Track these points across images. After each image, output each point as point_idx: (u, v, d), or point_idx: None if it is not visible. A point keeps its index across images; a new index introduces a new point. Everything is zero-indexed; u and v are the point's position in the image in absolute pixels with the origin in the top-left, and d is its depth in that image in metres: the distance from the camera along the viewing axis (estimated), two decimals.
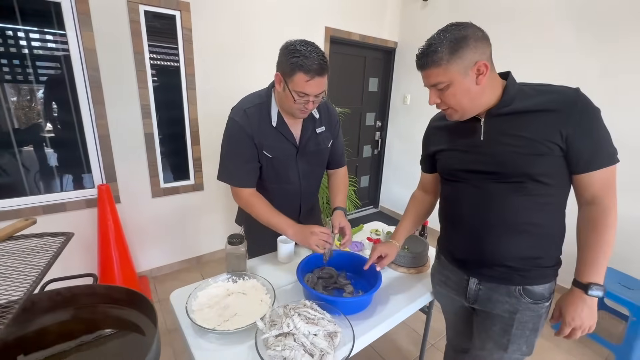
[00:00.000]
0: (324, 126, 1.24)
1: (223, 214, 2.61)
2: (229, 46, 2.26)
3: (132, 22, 1.88)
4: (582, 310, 0.81)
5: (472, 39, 0.75)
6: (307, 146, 1.21)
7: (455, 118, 0.87)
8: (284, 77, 1.03)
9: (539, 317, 0.88)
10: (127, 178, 2.09)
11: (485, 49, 0.77)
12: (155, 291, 2.22)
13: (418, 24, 3.14)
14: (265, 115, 1.13)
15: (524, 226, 0.82)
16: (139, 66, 1.96)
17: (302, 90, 1.00)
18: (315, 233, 1.09)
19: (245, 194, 1.18)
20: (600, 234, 0.78)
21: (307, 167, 1.24)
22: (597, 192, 0.78)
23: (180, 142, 2.29)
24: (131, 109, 2.01)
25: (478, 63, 0.76)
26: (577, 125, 0.74)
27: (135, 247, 2.21)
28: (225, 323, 0.93)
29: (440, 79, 0.79)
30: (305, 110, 1.08)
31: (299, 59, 0.96)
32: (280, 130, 1.15)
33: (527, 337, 0.90)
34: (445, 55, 0.76)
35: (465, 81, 0.78)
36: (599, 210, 0.78)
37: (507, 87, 0.81)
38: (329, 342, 0.83)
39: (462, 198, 0.91)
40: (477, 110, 0.84)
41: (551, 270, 0.87)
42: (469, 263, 0.95)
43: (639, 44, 1.87)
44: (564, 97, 0.75)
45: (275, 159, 1.17)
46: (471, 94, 0.80)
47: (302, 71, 0.97)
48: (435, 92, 0.84)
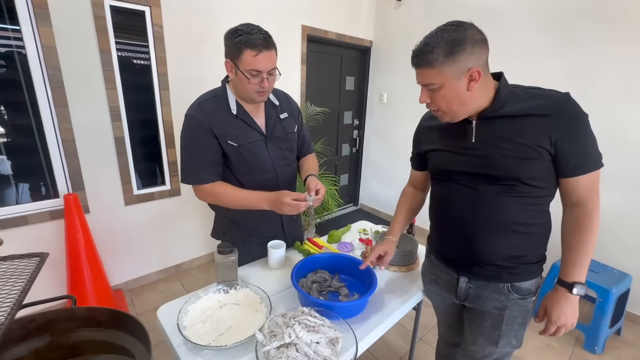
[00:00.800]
0: (285, 112, 1.23)
1: (202, 219, 2.51)
2: (204, 45, 2.16)
3: (96, 18, 1.74)
4: (566, 309, 0.83)
5: (470, 43, 0.73)
6: (274, 131, 1.18)
7: (446, 120, 0.88)
8: (233, 61, 1.02)
9: (527, 311, 0.92)
10: (97, 186, 1.94)
11: (481, 54, 0.76)
12: (132, 305, 2.09)
13: (392, 24, 3.19)
14: (223, 106, 1.10)
15: (513, 226, 0.84)
16: (106, 65, 1.82)
17: (252, 67, 0.99)
18: (285, 204, 1.03)
19: (207, 187, 1.11)
20: (585, 235, 0.81)
21: (278, 153, 1.20)
22: (583, 195, 0.80)
23: (154, 146, 2.17)
24: (98, 111, 1.86)
25: (471, 70, 0.75)
26: (566, 130, 0.75)
27: (107, 259, 2.07)
28: (220, 337, 0.89)
29: (433, 80, 0.79)
30: (262, 91, 1.05)
31: (243, 37, 0.97)
32: (242, 118, 1.11)
33: (516, 332, 0.93)
34: (440, 58, 0.75)
35: (457, 86, 0.78)
36: (584, 213, 0.80)
37: (500, 89, 0.81)
38: (331, 349, 0.82)
39: (453, 198, 0.93)
40: (467, 113, 0.84)
41: (537, 266, 0.90)
42: (459, 262, 0.97)
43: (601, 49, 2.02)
44: (555, 102, 0.76)
45: (243, 148, 1.11)
46: (462, 98, 0.80)
47: (248, 47, 0.97)
48: (427, 92, 0.84)
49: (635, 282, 1.97)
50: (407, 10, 3.03)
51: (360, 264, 1.15)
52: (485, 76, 0.80)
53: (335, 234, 1.54)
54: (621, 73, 1.96)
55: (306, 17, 2.75)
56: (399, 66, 3.18)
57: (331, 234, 1.54)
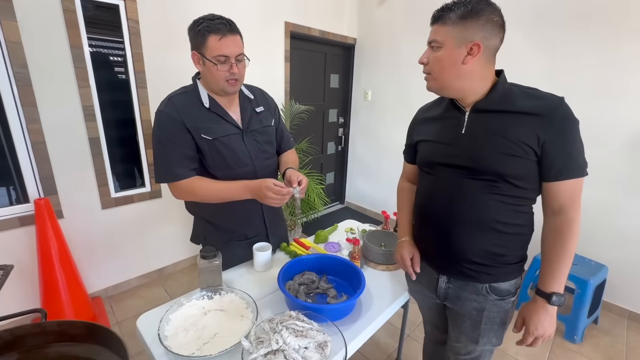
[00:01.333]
0: (261, 106, 1.20)
1: (185, 221, 2.44)
2: (184, 42, 2.07)
3: (66, 12, 1.64)
4: (544, 320, 0.83)
5: (484, 18, 0.74)
6: (250, 125, 1.15)
7: (432, 88, 0.86)
8: (199, 52, 1.01)
9: (506, 312, 0.92)
10: (71, 189, 1.85)
11: (491, 35, 0.76)
12: (112, 312, 2.00)
13: (376, 21, 3.18)
14: (194, 100, 1.07)
15: (492, 224, 0.83)
16: (78, 62, 1.72)
17: (219, 52, 0.98)
18: (269, 189, 0.99)
19: (184, 184, 1.06)
20: (564, 244, 0.80)
21: (256, 146, 1.16)
22: (564, 202, 0.79)
23: (132, 146, 2.08)
24: (71, 110, 1.76)
25: (474, 42, 0.75)
26: (555, 133, 0.75)
27: (84, 266, 1.97)
28: (205, 346, 0.85)
29: (438, 37, 0.79)
30: (233, 79, 1.03)
31: (204, 23, 0.97)
32: (215, 111, 1.08)
33: (495, 331, 0.94)
34: (454, 17, 0.76)
35: (455, 52, 0.77)
36: (564, 221, 0.80)
37: (497, 84, 0.81)
38: (320, 354, 0.80)
39: (435, 191, 0.92)
40: (455, 91, 0.83)
41: (516, 266, 0.89)
42: (438, 259, 0.97)
43: (573, 49, 2.08)
44: (548, 104, 0.76)
45: (217, 141, 1.08)
46: (455, 68, 0.79)
47: (212, 33, 0.97)
48: (428, 51, 0.84)
49: (610, 273, 2.05)
50: (390, 8, 3.03)
51: (347, 264, 1.14)
52: (486, 62, 0.79)
53: (322, 234, 1.52)
54: (592, 73, 2.02)
55: (289, 14, 2.71)
56: (383, 64, 3.19)
57: (318, 234, 1.52)
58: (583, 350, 1.84)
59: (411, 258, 1.03)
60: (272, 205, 1.03)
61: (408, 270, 1.04)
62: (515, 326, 0.91)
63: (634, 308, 2.10)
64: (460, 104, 0.86)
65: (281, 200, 1.00)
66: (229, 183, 1.06)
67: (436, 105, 0.97)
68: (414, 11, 2.86)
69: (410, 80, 2.99)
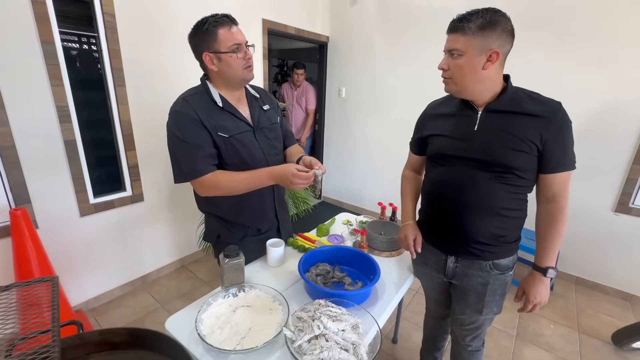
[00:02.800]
0: (267, 104, 1.25)
1: (169, 224, 2.35)
2: (162, 37, 2.00)
3: (35, 4, 1.50)
4: (541, 289, 0.99)
5: (501, 27, 0.84)
6: (260, 122, 1.19)
7: (452, 91, 0.96)
8: (211, 51, 1.04)
9: (505, 284, 1.07)
10: (45, 197, 1.70)
11: (505, 43, 0.86)
12: (98, 326, 1.89)
13: (348, 21, 3.28)
14: (207, 100, 1.09)
15: (497, 209, 0.97)
16: (50, 59, 1.59)
17: (233, 41, 1.03)
18: (295, 183, 1.02)
19: (209, 178, 1.06)
20: (556, 227, 0.95)
21: (267, 143, 1.21)
22: (557, 191, 0.93)
23: (112, 149, 1.96)
24: (44, 111, 1.62)
25: (493, 50, 0.85)
26: (554, 132, 0.87)
27: (63, 279, 1.83)
28: (243, 340, 0.89)
29: (458, 46, 0.88)
30: (249, 64, 1.08)
31: (210, 20, 1.01)
32: (228, 109, 1.11)
33: (497, 301, 1.09)
34: (474, 28, 0.84)
35: (476, 59, 0.86)
36: (557, 208, 0.94)
37: (507, 87, 0.93)
38: (357, 335, 0.87)
39: (449, 180, 1.02)
40: (473, 94, 0.94)
41: (514, 245, 1.04)
42: (448, 241, 1.09)
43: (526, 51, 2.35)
44: (550, 107, 0.89)
45: (234, 139, 1.11)
46: (476, 74, 0.88)
47: (220, 26, 1.01)
48: (448, 58, 0.92)
49: (562, 246, 2.38)
50: (362, 8, 3.14)
51: (358, 253, 1.23)
52: (500, 67, 0.90)
53: (324, 227, 1.59)
54: (543, 73, 2.31)
55: (266, 11, 2.70)
56: (357, 62, 3.30)
57: (320, 227, 1.59)
58: (544, 314, 2.13)
59: (414, 239, 1.14)
60: (297, 189, 1.07)
61: (410, 250, 1.14)
62: (517, 297, 1.08)
63: (580, 274, 2.47)
64: (473, 104, 0.97)
65: (307, 183, 1.04)
66: (252, 172, 1.08)
67: (447, 103, 1.07)
68: (385, 13, 3.00)
69: (384, 78, 3.14)
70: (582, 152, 2.28)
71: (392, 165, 3.30)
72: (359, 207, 3.74)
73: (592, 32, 2.11)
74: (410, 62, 2.94)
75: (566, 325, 2.04)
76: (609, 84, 2.12)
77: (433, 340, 1.48)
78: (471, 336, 1.21)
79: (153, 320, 1.95)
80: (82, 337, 0.74)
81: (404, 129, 2.39)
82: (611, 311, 2.19)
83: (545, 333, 1.97)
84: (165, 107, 1.09)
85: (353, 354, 0.81)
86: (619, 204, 2.22)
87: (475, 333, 1.19)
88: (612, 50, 2.06)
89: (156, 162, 2.11)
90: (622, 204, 2.21)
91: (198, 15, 1.06)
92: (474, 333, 1.19)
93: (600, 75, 2.13)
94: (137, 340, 0.76)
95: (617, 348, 1.85)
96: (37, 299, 0.63)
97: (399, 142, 2.62)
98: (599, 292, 2.39)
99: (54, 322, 0.53)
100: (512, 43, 0.89)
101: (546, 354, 1.81)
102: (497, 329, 1.97)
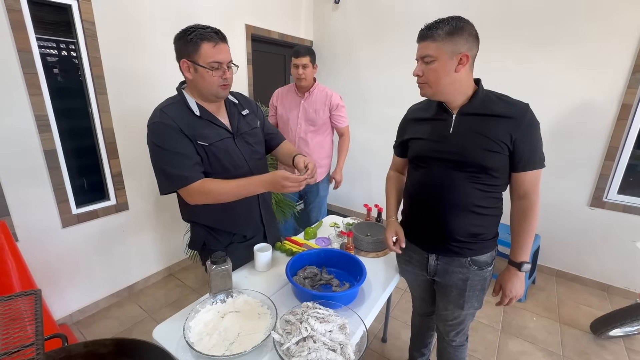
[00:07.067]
0: (246, 109, 1.26)
1: (155, 233, 2.32)
2: (146, 45, 1.98)
3: (10, 11, 1.47)
4: (516, 284, 1.05)
5: (467, 32, 0.90)
6: (239, 128, 1.20)
7: (427, 94, 1.01)
8: (190, 59, 1.03)
9: (484, 279, 1.11)
10: (25, 208, 1.66)
11: (472, 47, 0.92)
12: (83, 339, 1.85)
13: (331, 25, 3.32)
14: (184, 109, 1.09)
15: (473, 208, 1.01)
16: (27, 67, 1.55)
17: (213, 59, 1.02)
18: (286, 187, 1.04)
19: (197, 186, 1.06)
20: (529, 222, 1.00)
21: (248, 148, 1.21)
22: (528, 189, 0.98)
23: (94, 158, 1.92)
24: (21, 121, 1.58)
25: (463, 53, 0.90)
26: (523, 132, 0.92)
27: (45, 293, 1.78)
28: (232, 346, 0.89)
29: (431, 52, 0.93)
30: (225, 83, 1.08)
31: (197, 32, 1.00)
32: (206, 117, 1.11)
33: (477, 297, 1.13)
34: (442, 34, 0.90)
35: (448, 63, 0.91)
36: (528, 204, 0.99)
37: (478, 91, 0.98)
38: (344, 335, 0.89)
39: (427, 182, 1.07)
40: (446, 95, 0.98)
41: (491, 242, 1.09)
42: (429, 240, 1.13)
43: (505, 51, 2.44)
44: (518, 109, 0.94)
45: (213, 146, 1.11)
46: (449, 77, 0.93)
47: (205, 40, 1.01)
48: (422, 65, 0.97)
49: (542, 241, 2.48)
50: (344, 12, 3.19)
51: (345, 255, 1.25)
52: (470, 70, 0.96)
53: (311, 230, 1.61)
54: (524, 74, 2.41)
55: (249, 16, 2.71)
56: (340, 65, 3.34)
57: (307, 231, 1.61)
58: (528, 307, 2.21)
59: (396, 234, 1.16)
60: (291, 192, 1.09)
61: (389, 245, 1.15)
62: (494, 291, 1.12)
63: (560, 267, 2.57)
64: (448, 108, 1.01)
65: (298, 186, 1.05)
66: (241, 180, 1.09)
67: (425, 107, 1.12)
68: (366, 17, 3.05)
69: (367, 81, 3.19)
70: (558, 149, 2.42)
71: (378, 166, 3.35)
72: (346, 209, 3.77)
73: (564, 37, 2.21)
74: (392, 65, 3.00)
75: (548, 317, 2.12)
76: (581, 85, 2.22)
77: (420, 337, 1.51)
78: (454, 331, 1.25)
79: (141, 330, 1.92)
80: (67, 350, 0.73)
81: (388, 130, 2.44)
82: (590, 301, 2.29)
83: (529, 325, 2.04)
84: (148, 113, 1.08)
85: (340, 354, 0.83)
86: (593, 198, 2.33)
87: (458, 328, 1.23)
88: (584, 52, 2.17)
89: (140, 170, 2.08)
90: (596, 198, 2.32)
91: (181, 22, 1.07)
92: (457, 328, 1.23)
93: (574, 76, 2.23)
94: (124, 350, 0.76)
95: (595, 337, 1.93)
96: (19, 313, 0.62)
97: (383, 143, 2.67)
98: (578, 284, 2.49)
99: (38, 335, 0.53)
100: (478, 47, 0.95)
101: (529, 346, 1.87)
102: (483, 324, 2.02)
